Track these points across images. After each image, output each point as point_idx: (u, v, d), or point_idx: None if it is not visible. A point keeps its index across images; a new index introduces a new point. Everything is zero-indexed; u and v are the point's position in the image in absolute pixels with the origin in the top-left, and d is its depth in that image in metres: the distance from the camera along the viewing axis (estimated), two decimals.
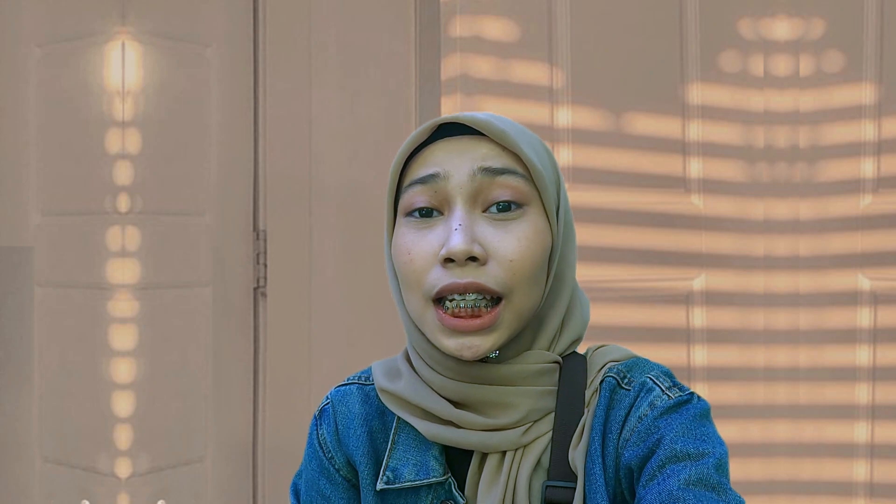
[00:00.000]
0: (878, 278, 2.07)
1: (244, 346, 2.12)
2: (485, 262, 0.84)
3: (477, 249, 0.84)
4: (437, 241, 0.86)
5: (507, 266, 0.85)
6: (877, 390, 2.07)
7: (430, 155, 0.88)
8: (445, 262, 0.84)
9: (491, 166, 0.86)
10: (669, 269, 2.11)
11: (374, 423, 0.95)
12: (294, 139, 2.11)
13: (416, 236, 0.87)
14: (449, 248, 0.83)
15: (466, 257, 0.83)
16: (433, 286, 0.85)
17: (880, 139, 2.07)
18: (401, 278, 0.89)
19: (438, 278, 0.85)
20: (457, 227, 0.84)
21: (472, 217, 0.85)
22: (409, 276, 0.87)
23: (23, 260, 2.01)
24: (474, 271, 0.84)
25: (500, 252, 0.85)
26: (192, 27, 2.07)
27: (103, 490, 1.98)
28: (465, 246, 0.83)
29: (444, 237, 0.85)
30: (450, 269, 0.84)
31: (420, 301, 0.86)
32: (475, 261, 0.84)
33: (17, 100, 2.01)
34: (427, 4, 2.11)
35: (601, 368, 0.91)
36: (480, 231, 0.85)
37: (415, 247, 0.86)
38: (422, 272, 0.86)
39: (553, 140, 2.06)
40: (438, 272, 0.85)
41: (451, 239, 0.84)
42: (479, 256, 0.84)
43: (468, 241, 0.83)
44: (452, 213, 0.85)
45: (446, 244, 0.84)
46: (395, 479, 0.91)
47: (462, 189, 0.86)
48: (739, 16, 2.10)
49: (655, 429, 0.85)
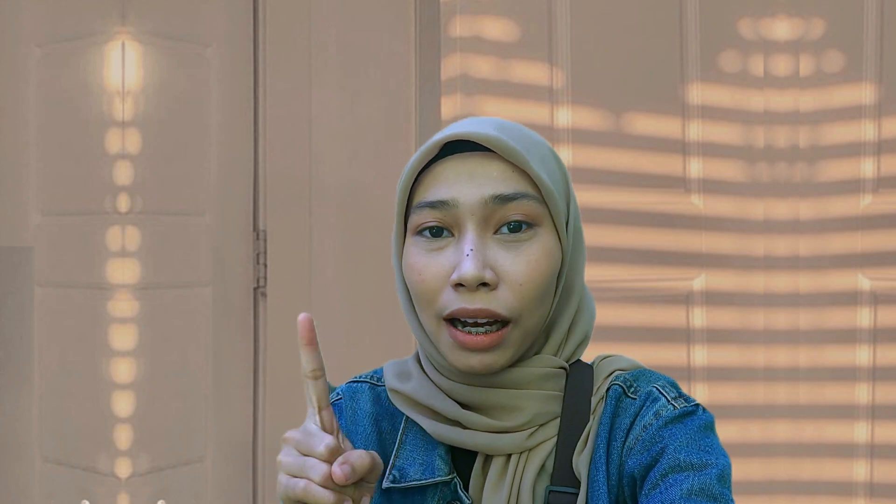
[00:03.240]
0: (878, 278, 2.07)
1: (244, 346, 2.12)
2: (495, 287, 0.85)
3: (488, 275, 0.84)
4: (448, 263, 0.86)
5: (518, 290, 0.85)
6: (877, 390, 2.07)
7: (440, 174, 0.87)
8: (457, 286, 0.85)
9: (503, 193, 0.86)
10: (669, 269, 2.11)
11: (384, 424, 0.96)
12: (294, 139, 2.11)
13: (427, 258, 0.87)
14: (461, 275, 0.84)
15: (478, 283, 0.84)
16: (445, 308, 0.85)
17: (880, 139, 2.07)
18: (413, 297, 0.89)
19: (450, 301, 0.85)
20: (468, 252, 0.84)
21: (483, 240, 0.86)
22: (421, 295, 0.87)
23: (23, 260, 2.01)
24: (485, 296, 0.84)
25: (510, 276, 0.85)
26: (192, 27, 2.07)
27: (103, 490, 1.98)
28: (476, 272, 0.83)
29: (454, 260, 0.85)
30: (461, 293, 0.85)
31: (433, 319, 0.87)
32: (486, 286, 0.84)
33: (17, 100, 2.01)
34: (427, 4, 2.11)
35: (607, 376, 0.91)
36: (492, 255, 0.85)
37: (426, 269, 0.87)
38: (434, 293, 0.86)
39: (553, 140, 2.06)
40: (450, 295, 0.85)
41: (463, 265, 0.84)
42: (491, 282, 0.84)
43: (479, 266, 0.84)
44: (464, 237, 0.86)
45: (458, 269, 0.84)
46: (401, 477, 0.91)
47: (474, 215, 0.86)
48: (739, 16, 2.10)
49: (659, 438, 0.85)
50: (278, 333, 2.11)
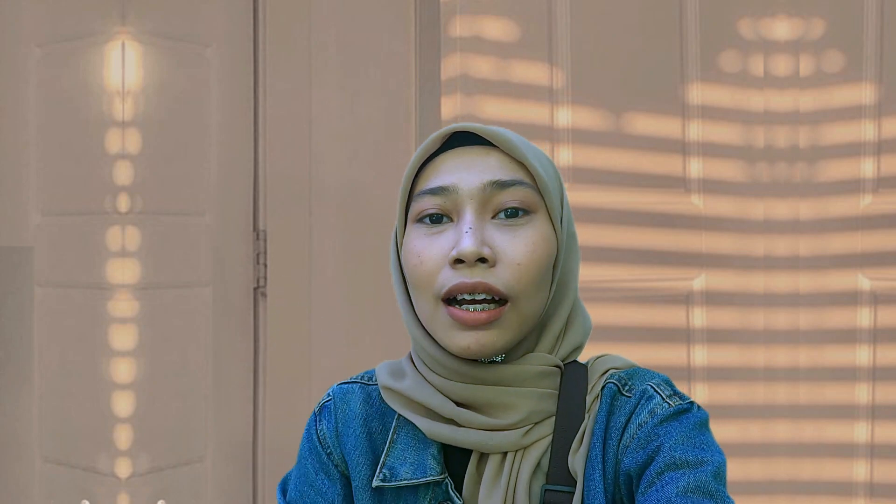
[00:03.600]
0: (878, 278, 2.07)
1: (244, 346, 2.12)
2: (493, 264, 0.87)
3: (486, 251, 0.86)
4: (447, 244, 0.88)
5: (515, 269, 0.87)
6: (877, 390, 2.07)
7: (442, 164, 0.91)
8: (455, 262, 0.87)
9: (501, 179, 0.89)
10: (669, 269, 2.11)
11: (374, 424, 0.96)
12: (294, 139, 2.11)
13: (427, 240, 0.89)
14: (459, 249, 0.86)
15: (476, 258, 0.86)
16: (443, 286, 0.87)
17: (880, 139, 2.07)
18: (410, 281, 0.90)
19: (448, 278, 0.87)
20: (467, 229, 0.87)
21: (481, 221, 0.88)
22: (419, 278, 0.89)
23: (23, 260, 2.01)
24: (483, 272, 0.86)
25: (508, 255, 0.87)
26: (192, 27, 2.07)
27: (103, 490, 1.98)
28: (475, 247, 0.86)
29: (454, 240, 0.88)
30: (459, 269, 0.86)
31: (430, 301, 0.88)
32: (484, 262, 0.86)
33: (17, 100, 2.01)
34: (427, 4, 2.11)
35: (602, 375, 0.92)
36: (489, 235, 0.88)
37: (425, 250, 0.89)
38: (431, 274, 0.88)
39: (553, 140, 2.06)
40: (448, 273, 0.87)
41: (462, 241, 0.86)
42: (489, 258, 0.86)
43: (478, 242, 0.86)
44: (462, 218, 0.88)
45: (457, 245, 0.86)
46: (392, 477, 0.91)
47: (473, 199, 0.88)
48: (739, 16, 2.10)
49: (655, 436, 0.86)
50: (278, 333, 2.11)
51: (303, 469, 0.99)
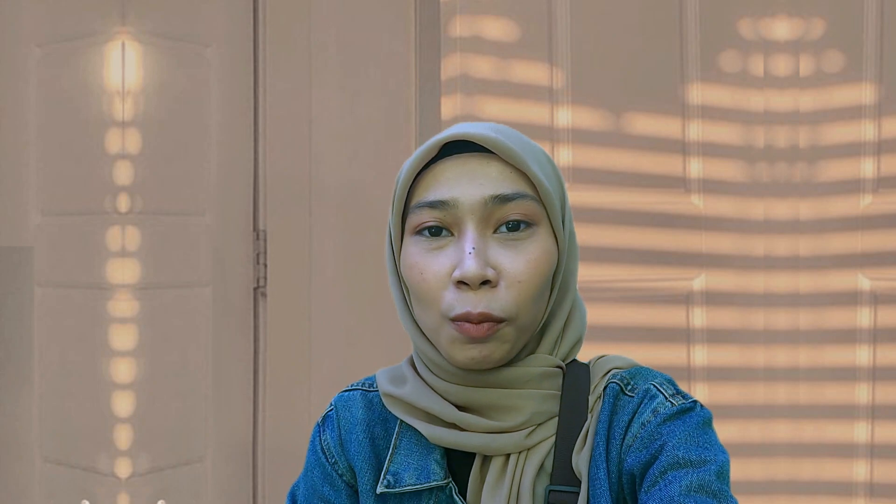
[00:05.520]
0: (878, 278, 2.07)
1: (244, 346, 2.12)
2: (496, 285, 0.86)
3: (490, 273, 0.85)
4: (448, 262, 0.87)
5: (516, 287, 0.86)
6: (877, 390, 2.07)
7: (440, 174, 0.89)
8: (459, 283, 0.86)
9: (503, 193, 0.87)
10: (669, 269, 2.10)
11: (377, 430, 0.96)
12: (294, 139, 2.11)
13: (428, 257, 0.88)
14: (463, 273, 0.85)
15: (480, 281, 0.85)
16: (450, 308, 0.86)
17: (880, 139, 2.07)
18: (414, 295, 0.90)
19: (453, 303, 0.86)
20: (470, 251, 0.86)
21: (483, 239, 0.87)
22: (423, 294, 0.88)
23: (23, 260, 2.01)
24: (486, 294, 0.85)
25: (510, 273, 0.86)
26: (192, 27, 2.07)
27: (103, 490, 1.98)
28: (478, 271, 0.85)
29: (455, 258, 0.87)
30: (463, 291, 0.86)
31: (436, 317, 0.88)
32: (487, 283, 0.86)
33: (17, 100, 2.01)
34: (427, 4, 2.11)
35: (605, 375, 0.92)
36: (492, 253, 0.87)
37: (427, 268, 0.88)
38: (436, 292, 0.87)
39: (553, 140, 2.06)
40: (452, 294, 0.86)
41: (465, 263, 0.85)
42: (492, 279, 0.86)
43: (481, 265, 0.85)
44: (464, 236, 0.87)
45: (460, 267, 0.86)
46: (396, 482, 0.91)
47: (474, 214, 0.87)
48: (739, 16, 2.10)
49: (658, 435, 0.85)
50: (278, 333, 2.11)
51: (309, 480, 0.99)
